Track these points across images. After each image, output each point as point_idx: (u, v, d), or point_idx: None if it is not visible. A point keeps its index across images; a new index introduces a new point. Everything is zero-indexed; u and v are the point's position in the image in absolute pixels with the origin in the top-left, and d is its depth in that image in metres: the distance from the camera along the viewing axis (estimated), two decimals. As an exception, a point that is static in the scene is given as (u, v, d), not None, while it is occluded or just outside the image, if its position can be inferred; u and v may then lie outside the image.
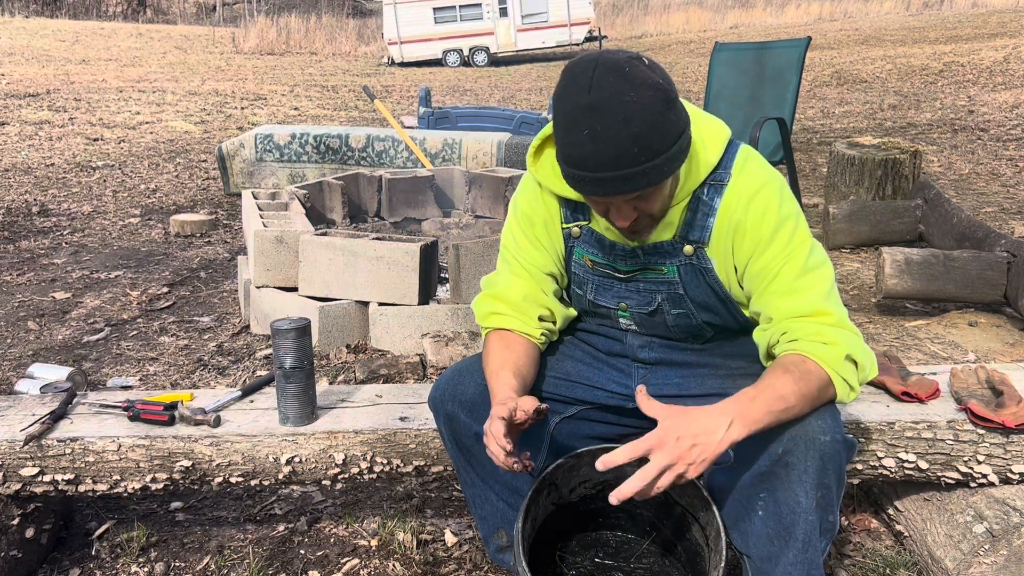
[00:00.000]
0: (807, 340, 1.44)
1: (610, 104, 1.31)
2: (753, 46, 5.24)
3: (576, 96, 1.33)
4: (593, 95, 1.32)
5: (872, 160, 4.72)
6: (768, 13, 29.98)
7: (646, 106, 1.31)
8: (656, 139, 1.34)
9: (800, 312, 1.47)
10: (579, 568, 1.72)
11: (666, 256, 1.58)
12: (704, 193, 1.52)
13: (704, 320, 1.63)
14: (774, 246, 1.49)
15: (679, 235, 1.55)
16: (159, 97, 13.19)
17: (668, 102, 1.34)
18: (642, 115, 1.31)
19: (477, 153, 5.83)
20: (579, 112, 1.33)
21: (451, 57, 22.18)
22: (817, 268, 1.50)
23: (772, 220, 1.49)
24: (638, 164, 1.34)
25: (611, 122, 1.31)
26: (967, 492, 1.83)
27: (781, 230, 1.49)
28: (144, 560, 2.08)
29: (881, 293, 3.39)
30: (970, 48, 15.21)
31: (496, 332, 1.69)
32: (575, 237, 1.65)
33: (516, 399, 1.48)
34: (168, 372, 3.23)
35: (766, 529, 1.49)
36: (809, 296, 1.48)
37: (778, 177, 1.54)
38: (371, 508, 2.28)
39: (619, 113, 1.31)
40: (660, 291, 1.61)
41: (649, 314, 1.65)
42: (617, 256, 1.62)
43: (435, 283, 3.40)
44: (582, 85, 1.33)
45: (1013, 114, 9.02)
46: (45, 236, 5.42)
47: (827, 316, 1.46)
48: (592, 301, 1.69)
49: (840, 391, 1.44)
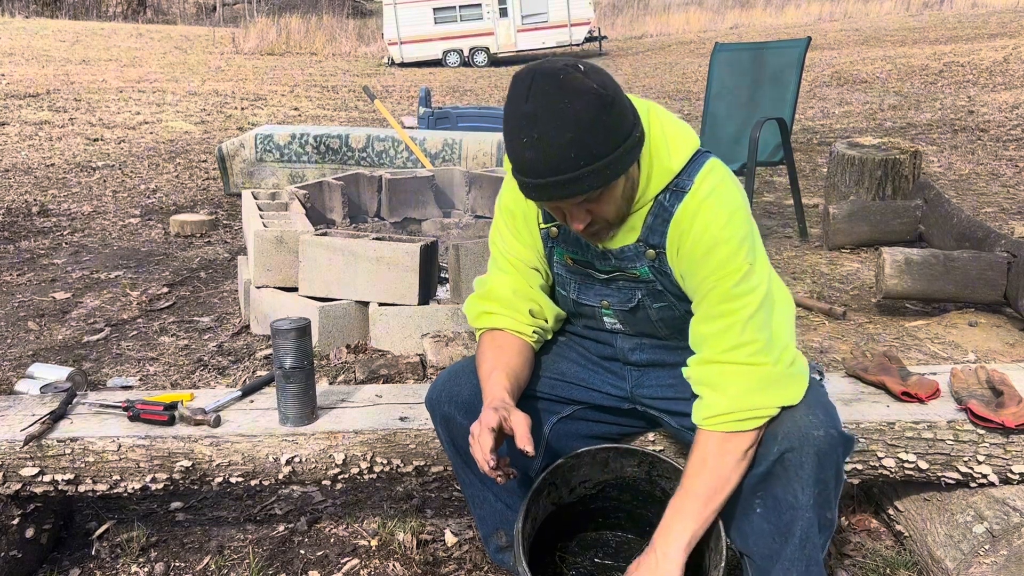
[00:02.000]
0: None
1: (545, 112, 1.34)
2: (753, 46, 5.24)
3: (517, 105, 1.37)
4: (530, 104, 1.35)
5: (872, 160, 4.72)
6: (768, 13, 29.99)
7: (581, 112, 1.33)
8: (593, 144, 1.35)
9: (707, 342, 1.49)
10: (579, 568, 1.72)
11: (634, 260, 1.58)
12: (666, 199, 1.51)
13: (686, 310, 1.62)
14: (709, 264, 1.47)
15: (641, 238, 1.55)
16: (159, 97, 13.20)
17: (605, 107, 1.35)
18: (577, 122, 1.33)
19: (477, 153, 5.83)
20: (517, 121, 1.37)
21: (451, 57, 22.18)
22: (746, 295, 1.47)
23: (710, 238, 1.47)
24: (577, 168, 1.35)
25: (547, 129, 1.34)
26: (967, 492, 1.83)
27: (716, 249, 1.46)
28: (144, 560, 2.08)
29: (881, 293, 3.39)
30: (970, 48, 15.21)
31: (488, 333, 1.69)
32: (554, 238, 1.66)
33: (509, 407, 1.48)
34: (168, 372, 3.23)
35: (765, 527, 1.49)
36: (724, 323, 1.47)
37: (736, 196, 1.51)
38: (371, 508, 2.28)
39: (554, 120, 1.33)
40: (639, 288, 1.62)
41: (631, 311, 1.65)
42: (594, 256, 1.62)
43: (435, 283, 3.40)
44: (521, 94, 1.36)
45: (1013, 114, 9.02)
46: (45, 236, 5.43)
47: (734, 351, 1.46)
48: (576, 300, 1.70)
49: (746, 427, 1.46)
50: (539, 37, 22.45)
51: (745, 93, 4.97)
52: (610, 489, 1.67)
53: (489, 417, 1.44)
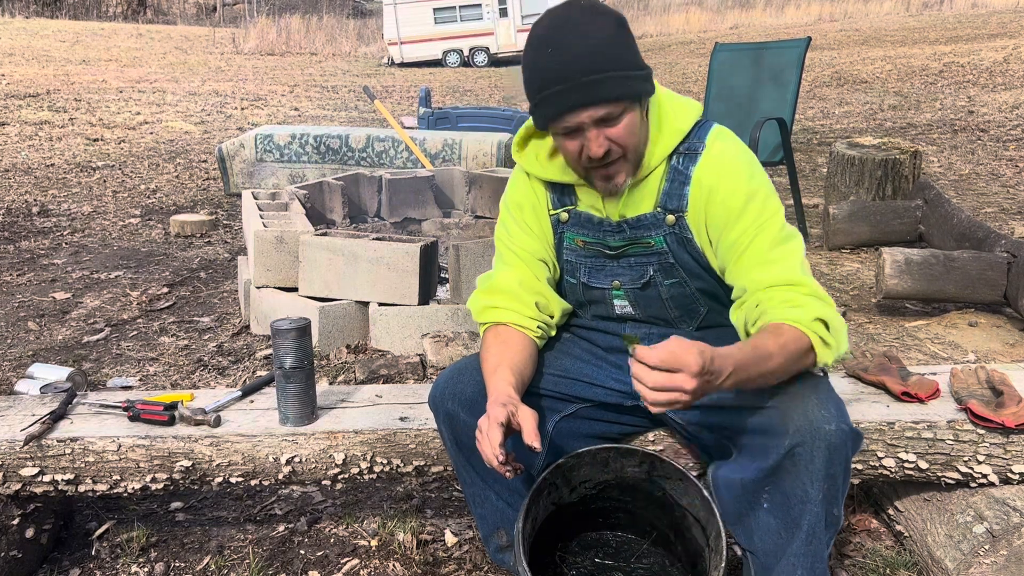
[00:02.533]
0: (776, 308, 1.47)
1: (569, 24, 1.44)
2: (753, 46, 5.24)
3: (538, 29, 1.48)
4: (552, 22, 1.46)
5: (872, 160, 4.72)
6: (768, 14, 29.97)
7: (601, 26, 1.44)
8: (614, 52, 1.45)
9: (774, 282, 1.50)
10: (579, 568, 1.72)
11: (651, 228, 1.61)
12: (679, 163, 1.57)
13: (697, 288, 1.65)
14: (746, 217, 1.53)
15: (659, 204, 1.59)
16: (159, 97, 13.20)
17: (623, 27, 1.47)
18: (598, 32, 1.43)
19: (477, 153, 5.83)
20: (540, 39, 1.46)
21: (451, 57, 22.17)
22: (789, 240, 1.54)
23: (743, 190, 1.53)
24: (599, 71, 1.42)
25: (570, 37, 1.43)
26: (967, 492, 1.83)
27: (753, 201, 1.53)
28: (144, 560, 2.08)
29: (881, 293, 3.39)
30: (970, 48, 15.21)
31: (493, 328, 1.69)
32: (564, 223, 1.68)
33: (516, 403, 1.48)
34: (168, 372, 3.23)
35: (772, 522, 1.49)
36: (783, 267, 1.51)
37: (749, 152, 1.59)
38: (371, 508, 2.28)
39: (578, 29, 1.43)
40: (651, 263, 1.64)
41: (642, 288, 1.66)
42: (606, 232, 1.64)
43: (435, 283, 3.40)
44: (542, 21, 1.48)
45: (1013, 114, 9.02)
46: (45, 236, 5.43)
47: (801, 287, 1.49)
48: (586, 284, 1.71)
49: (818, 348, 1.46)
50: (539, 37, 22.43)
51: (745, 93, 4.97)
52: (611, 489, 1.67)
53: (497, 412, 1.44)
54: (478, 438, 1.45)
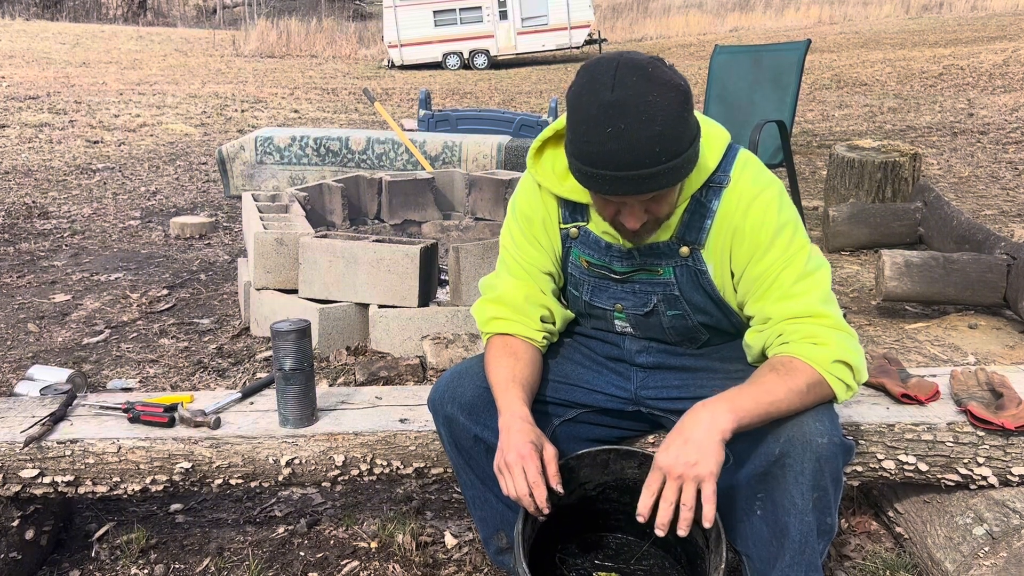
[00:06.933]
0: (798, 342, 1.46)
1: (634, 102, 1.30)
2: (753, 49, 5.24)
3: (599, 94, 1.32)
4: (616, 93, 1.31)
5: (872, 163, 4.72)
6: (768, 16, 30.00)
7: (668, 106, 1.31)
8: (676, 140, 1.34)
9: (797, 314, 1.48)
10: (579, 570, 1.72)
11: (662, 257, 1.58)
12: (703, 196, 1.53)
13: (699, 321, 1.64)
14: (773, 251, 1.50)
15: (676, 236, 1.56)
16: (159, 100, 13.20)
17: (687, 102, 1.35)
18: (664, 115, 1.31)
19: (477, 156, 5.83)
20: (601, 110, 1.31)
21: (451, 60, 22.18)
22: (815, 272, 1.51)
23: (772, 225, 1.50)
24: (658, 164, 1.33)
25: (634, 121, 1.30)
26: (967, 494, 1.83)
27: (780, 235, 1.50)
28: (144, 562, 2.08)
29: (881, 295, 3.39)
30: (969, 51, 15.23)
31: (499, 337, 1.68)
32: (573, 238, 1.65)
33: (543, 440, 1.49)
34: (168, 374, 3.23)
35: (764, 530, 1.49)
36: (807, 300, 1.49)
37: (776, 182, 1.54)
38: (371, 510, 2.28)
39: (643, 112, 1.30)
40: (656, 292, 1.62)
41: (645, 315, 1.65)
42: (613, 257, 1.62)
43: (435, 285, 3.40)
44: (605, 83, 1.32)
45: (1013, 117, 9.03)
46: (45, 238, 5.43)
47: (824, 319, 1.47)
48: (588, 302, 1.70)
49: (837, 389, 1.45)
50: (539, 40, 22.46)
51: (745, 96, 4.97)
52: (610, 491, 1.67)
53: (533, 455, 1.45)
54: (511, 474, 1.45)
